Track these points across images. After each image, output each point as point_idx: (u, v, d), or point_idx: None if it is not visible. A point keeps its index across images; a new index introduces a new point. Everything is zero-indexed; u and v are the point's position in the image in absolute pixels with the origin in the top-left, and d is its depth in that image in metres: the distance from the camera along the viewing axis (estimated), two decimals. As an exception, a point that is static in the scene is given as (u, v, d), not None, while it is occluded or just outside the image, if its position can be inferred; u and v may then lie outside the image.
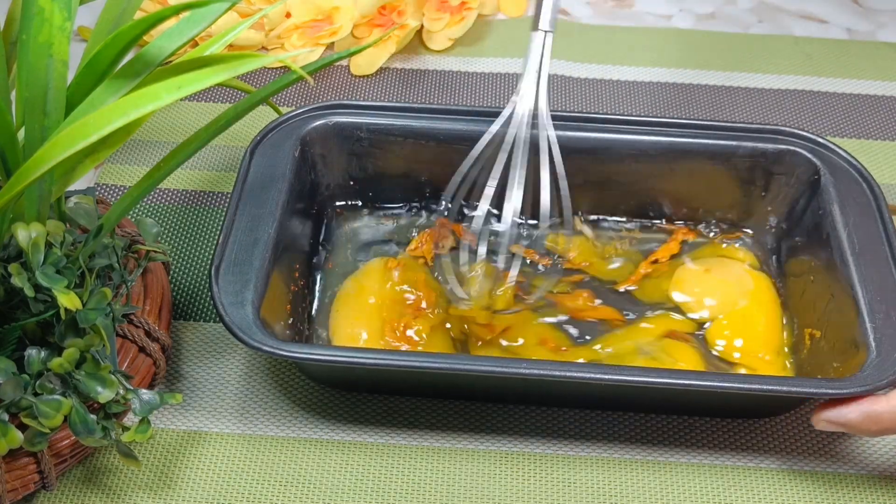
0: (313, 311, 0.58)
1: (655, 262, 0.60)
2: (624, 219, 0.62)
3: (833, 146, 0.58)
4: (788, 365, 0.55)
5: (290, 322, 0.54)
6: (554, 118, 0.58)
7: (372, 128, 0.60)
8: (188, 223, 0.63)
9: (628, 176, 0.60)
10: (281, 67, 0.74)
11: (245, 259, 0.52)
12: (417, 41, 0.78)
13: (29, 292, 0.41)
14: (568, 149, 0.57)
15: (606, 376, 0.48)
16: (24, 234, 0.41)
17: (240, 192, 0.55)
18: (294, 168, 0.57)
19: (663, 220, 0.62)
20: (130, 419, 0.51)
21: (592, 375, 0.48)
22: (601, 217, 0.62)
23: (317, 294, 0.59)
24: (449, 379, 0.52)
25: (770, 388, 0.48)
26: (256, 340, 0.48)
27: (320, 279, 0.59)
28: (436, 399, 0.54)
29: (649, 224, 0.62)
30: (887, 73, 0.76)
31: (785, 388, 0.48)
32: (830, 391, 0.47)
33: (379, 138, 0.60)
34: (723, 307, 0.57)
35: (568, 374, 0.48)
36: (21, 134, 0.42)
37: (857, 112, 0.72)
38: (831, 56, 0.77)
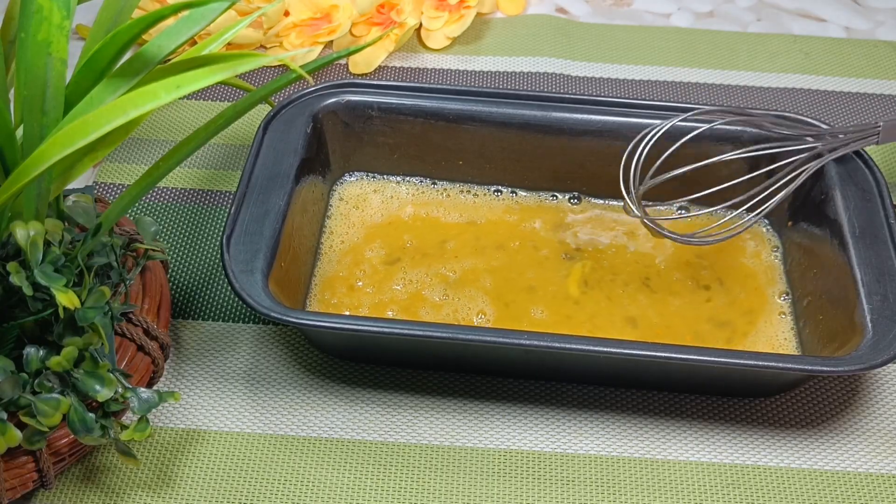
0: (323, 283, 0.58)
1: None
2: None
3: (836, 132, 0.59)
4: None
5: (297, 292, 0.56)
6: (561, 100, 0.61)
7: (383, 106, 0.61)
8: (187, 222, 0.63)
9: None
10: (280, 65, 0.74)
11: (256, 229, 0.53)
12: (416, 40, 0.78)
13: (27, 291, 0.41)
14: (575, 131, 0.60)
15: (605, 349, 0.49)
16: (23, 232, 0.41)
17: (252, 165, 0.56)
18: (306, 143, 0.59)
19: (667, 204, 0.62)
20: (129, 418, 0.51)
21: (591, 348, 0.49)
22: (607, 199, 0.63)
23: (327, 265, 0.59)
24: (456, 349, 0.53)
25: (766, 364, 0.49)
26: (265, 307, 0.49)
27: (328, 252, 0.60)
28: (445, 396, 0.54)
29: (651, 205, 0.62)
30: (886, 71, 0.76)
31: (782, 365, 0.49)
32: (826, 369, 0.49)
33: (390, 117, 0.62)
34: None
35: (568, 346, 0.49)
36: (19, 132, 0.42)
37: (857, 111, 0.72)
38: (830, 54, 0.77)
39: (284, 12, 0.76)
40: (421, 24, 0.77)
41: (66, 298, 0.41)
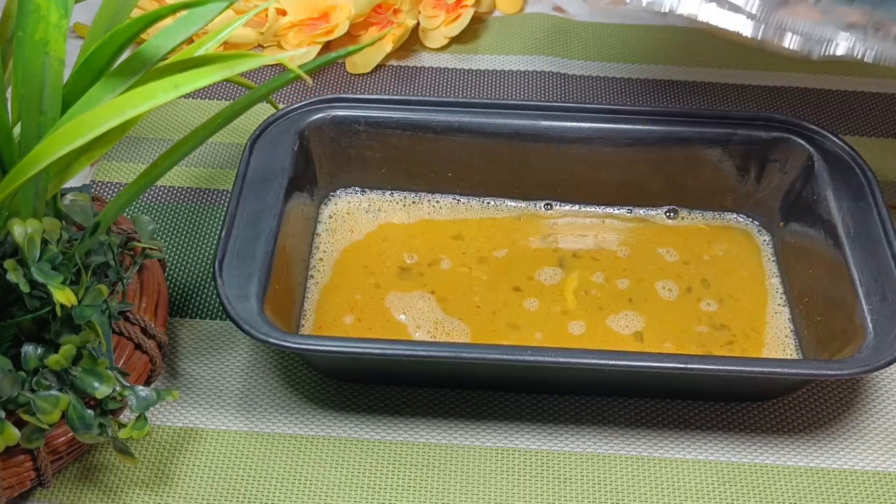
0: (315, 303, 0.58)
1: None
2: (617, 207, 0.63)
3: (825, 132, 0.59)
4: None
5: (290, 312, 0.55)
6: (549, 108, 0.60)
7: (370, 121, 0.61)
8: (185, 221, 0.63)
9: (624, 164, 0.61)
10: (278, 64, 0.74)
11: (248, 253, 0.52)
12: (414, 39, 0.78)
13: (24, 288, 0.41)
14: (564, 139, 0.60)
15: (610, 362, 0.48)
16: (20, 230, 0.41)
17: (240, 186, 0.56)
18: (294, 161, 0.58)
19: (657, 209, 0.62)
20: (127, 416, 0.51)
21: (597, 361, 0.49)
22: (598, 206, 0.63)
23: (319, 285, 0.59)
24: (457, 368, 0.52)
25: (770, 370, 0.49)
26: (262, 333, 0.48)
27: (320, 271, 0.59)
28: (442, 389, 0.54)
29: (642, 212, 0.62)
30: (884, 70, 0.76)
31: (783, 370, 0.49)
32: (829, 372, 0.48)
33: (377, 131, 0.61)
34: None
35: (572, 360, 0.49)
36: (17, 131, 0.42)
37: (853, 109, 0.72)
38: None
39: (280, 11, 0.76)
40: (419, 24, 0.77)
41: (63, 296, 0.41)
